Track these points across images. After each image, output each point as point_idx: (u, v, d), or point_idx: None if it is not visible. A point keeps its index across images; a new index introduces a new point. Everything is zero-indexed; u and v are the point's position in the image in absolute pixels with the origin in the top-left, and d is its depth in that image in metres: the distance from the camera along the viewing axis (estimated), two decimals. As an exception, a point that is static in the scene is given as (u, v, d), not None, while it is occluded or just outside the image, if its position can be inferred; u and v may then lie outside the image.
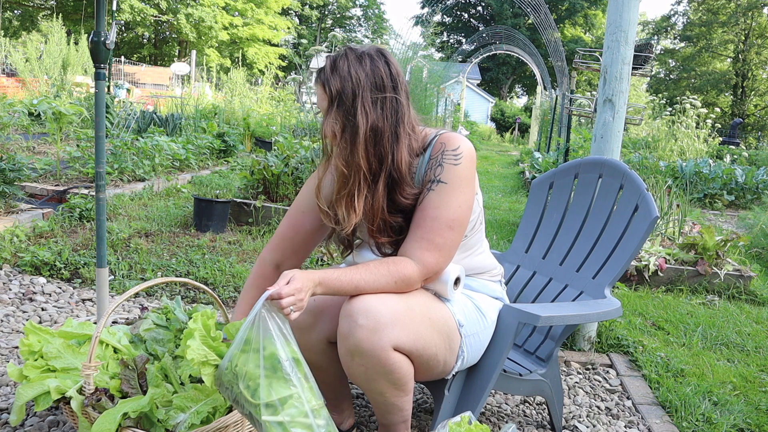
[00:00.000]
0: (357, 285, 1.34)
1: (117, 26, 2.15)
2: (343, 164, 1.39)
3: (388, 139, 1.39)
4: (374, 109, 1.37)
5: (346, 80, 1.35)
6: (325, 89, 1.36)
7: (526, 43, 16.85)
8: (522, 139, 25.73)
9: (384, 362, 1.32)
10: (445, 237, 1.42)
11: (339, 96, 1.35)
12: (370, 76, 1.36)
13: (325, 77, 1.36)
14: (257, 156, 4.65)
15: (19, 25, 27.87)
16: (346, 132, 1.37)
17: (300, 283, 1.26)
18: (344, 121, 1.36)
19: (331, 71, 1.36)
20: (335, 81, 1.35)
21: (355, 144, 1.36)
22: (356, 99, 1.35)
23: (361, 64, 1.36)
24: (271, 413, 1.19)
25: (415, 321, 1.37)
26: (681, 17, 38.67)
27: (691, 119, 10.37)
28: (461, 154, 1.42)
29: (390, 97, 1.38)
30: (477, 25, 39.46)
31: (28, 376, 1.47)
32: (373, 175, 1.40)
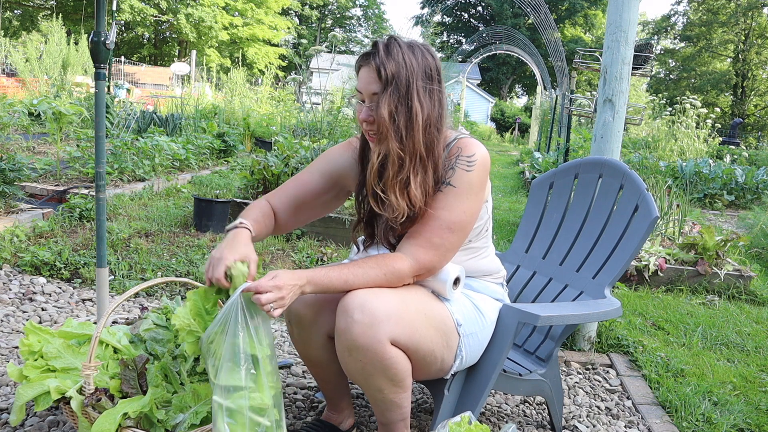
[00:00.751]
0: (346, 279, 1.35)
1: (117, 26, 2.16)
2: (399, 147, 1.37)
3: (435, 128, 1.40)
4: (426, 97, 1.38)
5: (401, 66, 1.35)
6: (380, 73, 1.35)
7: (526, 43, 16.85)
8: (522, 139, 25.73)
9: (381, 357, 1.33)
10: (444, 238, 1.42)
11: (394, 80, 1.35)
12: (421, 65, 1.37)
13: (380, 60, 1.35)
14: (257, 156, 4.66)
15: (19, 25, 27.87)
16: (401, 116, 1.36)
17: (282, 281, 1.27)
18: (398, 105, 1.35)
19: (386, 55, 1.35)
20: (391, 65, 1.34)
21: (412, 129, 1.36)
22: (410, 86, 1.35)
23: (413, 53, 1.37)
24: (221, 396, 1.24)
25: (411, 316, 1.37)
26: (681, 17, 38.68)
27: (691, 119, 10.37)
28: (475, 161, 1.43)
29: (436, 89, 1.40)
30: (477, 25, 39.47)
31: (28, 376, 1.47)
32: (422, 162, 1.40)
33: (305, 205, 1.62)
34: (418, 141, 1.38)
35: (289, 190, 1.62)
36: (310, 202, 1.62)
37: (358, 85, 1.42)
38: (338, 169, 1.62)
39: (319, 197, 1.63)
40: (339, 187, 1.64)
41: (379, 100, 1.36)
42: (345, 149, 1.63)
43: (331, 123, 5.50)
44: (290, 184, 1.63)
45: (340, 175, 1.62)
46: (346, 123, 5.32)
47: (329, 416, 1.72)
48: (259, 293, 1.25)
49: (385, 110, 1.35)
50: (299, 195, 1.61)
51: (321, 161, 1.64)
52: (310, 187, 1.61)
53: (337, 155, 1.63)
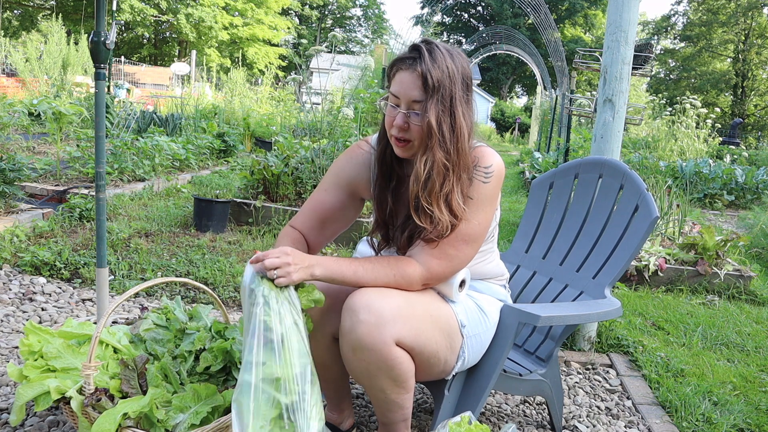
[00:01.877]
0: (356, 272, 1.35)
1: (117, 26, 2.16)
2: (446, 158, 1.35)
3: (471, 138, 1.39)
4: (466, 107, 1.37)
5: (444, 73, 1.32)
6: (426, 79, 1.32)
7: (526, 43, 16.85)
8: (522, 139, 25.73)
9: (386, 357, 1.33)
10: (459, 249, 1.42)
11: (439, 87, 1.32)
12: (460, 73, 1.35)
13: (426, 67, 1.32)
14: (257, 156, 4.65)
15: (19, 25, 27.87)
16: (446, 125, 1.34)
17: (290, 251, 1.28)
18: (443, 115, 1.33)
19: (432, 61, 1.32)
20: (436, 72, 1.32)
21: (456, 139, 1.35)
22: (454, 94, 1.34)
23: (453, 60, 1.35)
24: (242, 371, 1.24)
25: (416, 317, 1.37)
26: (681, 17, 38.68)
27: (691, 119, 10.37)
28: (492, 173, 1.42)
29: (471, 98, 1.39)
30: (477, 25, 39.47)
31: (28, 376, 1.47)
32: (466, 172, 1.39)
33: (328, 221, 1.62)
34: (463, 152, 1.36)
35: (309, 212, 1.61)
36: (331, 218, 1.62)
37: (394, 88, 1.37)
38: (347, 178, 1.60)
39: (338, 211, 1.62)
40: (354, 195, 1.63)
41: (426, 108, 1.32)
42: (350, 157, 1.62)
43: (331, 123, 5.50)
44: (308, 206, 1.63)
45: (350, 183, 1.61)
46: (346, 123, 5.32)
47: (329, 416, 1.72)
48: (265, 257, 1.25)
49: (433, 119, 1.32)
50: (319, 214, 1.61)
51: (330, 176, 1.63)
52: (328, 204, 1.61)
53: (344, 165, 1.61)
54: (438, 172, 1.36)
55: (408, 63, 1.34)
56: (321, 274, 1.33)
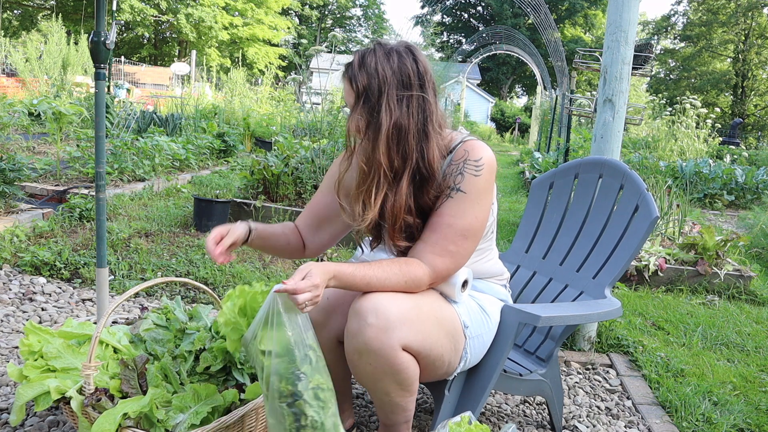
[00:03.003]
0: (369, 282, 1.34)
1: (117, 26, 2.16)
2: (364, 161, 1.38)
3: (414, 136, 1.37)
4: (399, 106, 1.35)
5: (372, 77, 1.34)
6: (352, 85, 1.35)
7: (526, 43, 16.85)
8: (522, 139, 25.73)
9: (392, 362, 1.32)
10: (459, 245, 1.42)
11: (365, 92, 1.34)
12: (396, 74, 1.35)
13: (352, 73, 1.35)
14: (257, 156, 4.65)
15: (19, 25, 27.87)
16: (369, 128, 1.36)
17: (318, 279, 1.25)
18: (368, 117, 1.35)
19: (359, 67, 1.35)
20: (362, 77, 1.34)
21: (377, 141, 1.35)
22: (382, 96, 1.34)
23: (389, 60, 1.35)
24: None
25: (423, 321, 1.36)
26: (681, 17, 38.68)
27: (691, 119, 10.37)
28: (483, 165, 1.41)
29: (417, 95, 1.37)
30: (477, 25, 39.47)
31: (28, 376, 1.47)
32: (394, 173, 1.39)
33: (324, 222, 1.64)
34: (383, 153, 1.35)
35: (307, 212, 1.66)
36: (327, 219, 1.64)
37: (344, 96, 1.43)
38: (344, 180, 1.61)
39: (334, 212, 1.63)
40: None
41: (351, 113, 1.37)
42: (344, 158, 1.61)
43: (331, 123, 5.50)
44: (307, 207, 1.67)
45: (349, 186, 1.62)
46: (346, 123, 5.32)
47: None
48: (296, 293, 1.22)
49: (353, 123, 1.37)
50: (316, 214, 1.64)
51: (326, 178, 1.66)
52: (323, 205, 1.63)
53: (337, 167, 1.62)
54: (358, 174, 1.40)
55: (344, 71, 1.39)
56: (334, 285, 1.32)
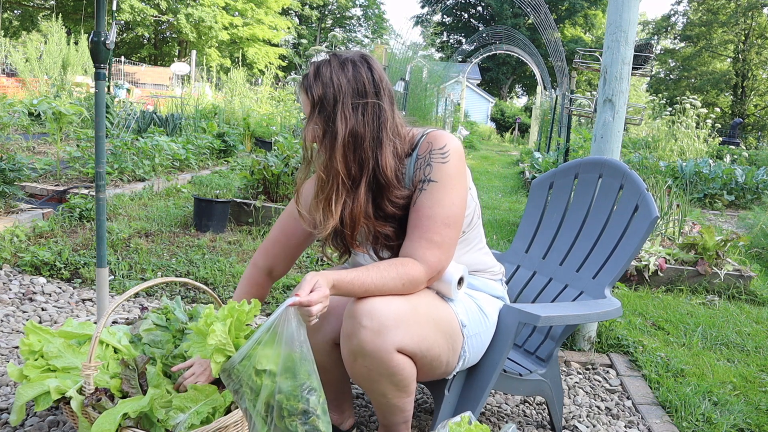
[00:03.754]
0: (367, 288, 1.33)
1: (117, 26, 2.16)
2: (321, 169, 1.39)
3: (369, 144, 1.38)
4: (354, 114, 1.36)
5: (327, 86, 1.35)
6: (308, 95, 1.37)
7: (526, 43, 16.85)
8: (522, 139, 25.73)
9: (387, 364, 1.32)
10: (443, 234, 1.42)
11: (321, 102, 1.36)
12: (351, 82, 1.37)
13: (308, 83, 1.38)
14: (257, 156, 4.65)
15: (19, 25, 27.87)
16: (326, 137, 1.37)
17: (327, 290, 1.26)
18: (324, 126, 1.37)
19: (314, 78, 1.37)
20: (317, 87, 1.36)
21: (333, 149, 1.36)
22: (337, 105, 1.35)
23: (344, 70, 1.37)
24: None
25: (419, 322, 1.36)
26: (681, 17, 38.69)
27: (691, 119, 10.37)
28: (448, 151, 1.42)
29: (372, 103, 1.38)
30: (477, 25, 39.47)
31: (28, 376, 1.47)
32: (352, 180, 1.40)
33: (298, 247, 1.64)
34: (340, 161, 1.36)
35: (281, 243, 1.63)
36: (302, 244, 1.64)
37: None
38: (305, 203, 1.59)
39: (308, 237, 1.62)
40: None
41: (308, 123, 1.39)
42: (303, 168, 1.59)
43: (331, 123, 5.50)
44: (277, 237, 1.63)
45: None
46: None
47: (330, 417, 1.72)
48: (310, 305, 1.22)
49: (309, 133, 1.39)
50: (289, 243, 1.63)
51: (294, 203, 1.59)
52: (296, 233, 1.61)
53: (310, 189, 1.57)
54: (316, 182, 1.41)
55: (300, 83, 1.41)
56: (333, 294, 1.32)
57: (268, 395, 1.21)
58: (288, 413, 1.21)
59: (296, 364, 1.21)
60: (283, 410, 1.20)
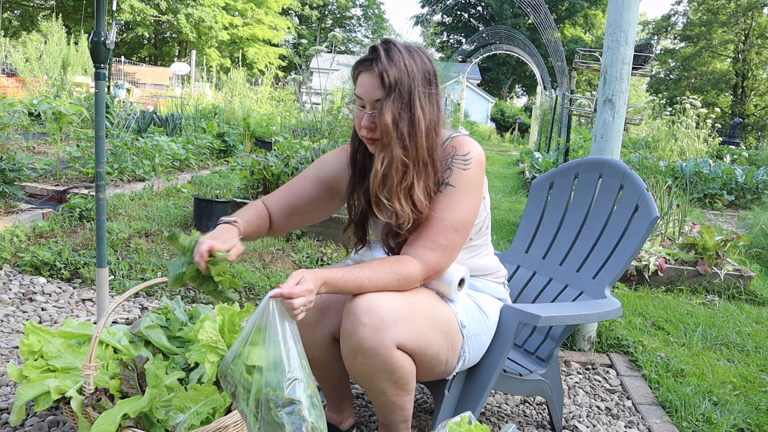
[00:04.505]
0: (361, 284, 1.34)
1: (117, 26, 2.16)
2: (404, 154, 1.38)
3: (434, 132, 1.41)
4: (427, 102, 1.39)
5: (402, 71, 1.35)
6: (383, 79, 1.35)
7: (526, 43, 16.85)
8: (522, 139, 25.73)
9: (386, 361, 1.32)
10: (449, 239, 1.42)
11: (397, 86, 1.35)
12: (420, 70, 1.38)
13: (382, 67, 1.35)
14: (257, 156, 4.65)
15: (19, 25, 27.87)
16: (404, 122, 1.36)
17: (312, 284, 1.25)
18: (401, 111, 1.36)
19: (388, 61, 1.35)
20: (393, 71, 1.35)
21: (415, 135, 1.37)
22: (413, 91, 1.36)
23: (413, 57, 1.38)
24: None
25: (417, 320, 1.37)
26: (681, 17, 38.67)
27: (691, 119, 10.37)
28: (471, 159, 1.44)
29: (434, 93, 1.41)
30: (477, 25, 39.45)
31: (28, 376, 1.47)
32: (425, 167, 1.41)
33: (297, 209, 1.62)
34: (422, 147, 1.38)
35: (284, 195, 1.62)
36: (301, 207, 1.62)
37: (357, 90, 1.40)
38: (332, 174, 1.62)
39: (310, 203, 1.63)
40: (333, 193, 1.63)
41: (383, 107, 1.36)
42: (339, 155, 1.63)
43: (331, 123, 5.50)
44: (284, 189, 1.64)
45: (334, 180, 1.62)
46: (346, 123, 5.32)
47: (330, 416, 1.72)
48: (291, 298, 1.21)
49: (389, 117, 1.35)
50: (292, 200, 1.62)
51: (313, 168, 1.65)
52: (302, 192, 1.62)
53: (331, 161, 1.63)
54: (396, 168, 1.38)
55: (367, 65, 1.38)
56: (325, 291, 1.32)
57: (257, 391, 1.21)
58: (274, 405, 1.20)
59: (282, 356, 1.21)
60: (270, 402, 1.20)
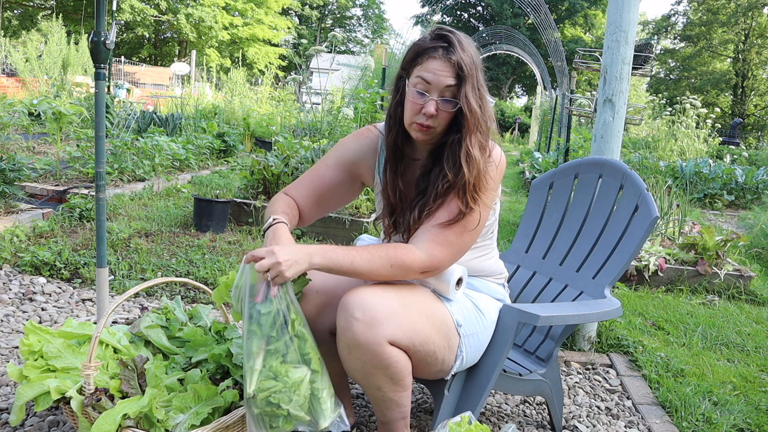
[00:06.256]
0: (353, 261, 1.35)
1: (117, 26, 2.16)
2: (483, 138, 1.42)
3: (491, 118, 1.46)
4: (485, 89, 1.43)
5: (471, 59, 1.39)
6: (460, 66, 1.37)
7: (526, 43, 16.84)
8: (522, 139, 25.72)
9: (380, 356, 1.33)
10: (459, 236, 1.43)
11: (471, 73, 1.38)
12: (479, 58, 1.43)
13: (459, 55, 1.38)
14: (257, 156, 4.65)
15: (19, 25, 27.86)
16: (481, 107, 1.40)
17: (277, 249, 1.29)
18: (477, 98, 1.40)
19: (461, 50, 1.39)
20: (467, 58, 1.38)
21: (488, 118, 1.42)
22: (479, 79, 1.41)
23: (472, 46, 1.43)
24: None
25: (412, 317, 1.37)
26: (681, 17, 38.65)
27: (691, 119, 10.37)
28: (492, 162, 1.46)
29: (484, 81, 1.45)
30: (477, 25, 39.43)
31: (28, 376, 1.47)
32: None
33: (323, 197, 1.63)
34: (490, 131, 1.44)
35: (307, 184, 1.63)
36: (326, 195, 1.63)
37: (426, 76, 1.39)
38: (353, 158, 1.63)
39: (334, 189, 1.63)
40: (354, 177, 1.65)
41: (465, 94, 1.38)
42: (358, 138, 1.64)
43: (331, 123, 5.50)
44: (307, 177, 1.64)
45: (356, 165, 1.63)
46: (346, 123, 5.32)
47: (329, 416, 1.72)
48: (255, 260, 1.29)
49: (474, 101, 1.38)
50: (316, 188, 1.62)
51: (334, 153, 1.65)
52: (325, 179, 1.62)
53: (351, 145, 1.64)
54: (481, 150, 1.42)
55: (440, 52, 1.39)
56: (319, 262, 1.33)
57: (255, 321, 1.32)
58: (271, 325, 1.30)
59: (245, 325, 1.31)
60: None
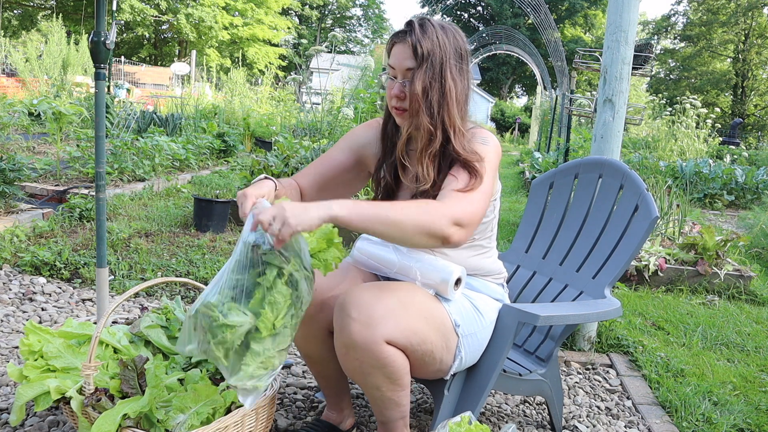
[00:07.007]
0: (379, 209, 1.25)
1: (117, 26, 2.16)
2: (430, 123, 1.43)
3: (464, 105, 1.47)
4: (458, 74, 1.44)
5: (435, 44, 1.41)
6: (416, 49, 1.40)
7: (526, 43, 16.85)
8: (522, 139, 25.74)
9: (377, 356, 1.33)
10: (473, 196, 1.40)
11: (429, 57, 1.40)
12: (452, 45, 1.44)
13: (416, 38, 1.40)
14: (257, 156, 4.65)
15: (19, 25, 27.87)
16: (434, 92, 1.41)
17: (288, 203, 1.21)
18: (432, 81, 1.41)
19: (422, 34, 1.41)
20: (426, 42, 1.40)
21: (447, 104, 1.43)
22: (444, 63, 1.42)
23: (446, 33, 1.44)
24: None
25: (409, 317, 1.37)
26: (681, 17, 38.66)
27: (691, 119, 10.38)
28: (488, 140, 1.49)
29: (465, 68, 1.47)
30: (477, 25, 39.44)
31: (28, 376, 1.47)
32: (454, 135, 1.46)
33: (330, 181, 1.66)
34: (453, 115, 1.44)
35: (316, 167, 1.67)
36: (334, 179, 1.66)
37: (390, 61, 1.46)
38: (361, 144, 1.67)
39: (341, 174, 1.66)
40: (361, 165, 1.69)
41: (414, 76, 1.41)
42: (367, 128, 1.69)
43: (331, 123, 5.51)
44: (317, 161, 1.68)
45: (363, 153, 1.67)
46: (346, 123, 5.32)
47: (329, 416, 1.72)
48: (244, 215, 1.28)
49: (419, 86, 1.41)
50: (326, 171, 1.65)
51: (346, 139, 1.70)
52: (337, 163, 1.66)
53: (360, 133, 1.69)
54: (422, 136, 1.45)
55: (401, 36, 1.44)
56: (339, 211, 1.20)
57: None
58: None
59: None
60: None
